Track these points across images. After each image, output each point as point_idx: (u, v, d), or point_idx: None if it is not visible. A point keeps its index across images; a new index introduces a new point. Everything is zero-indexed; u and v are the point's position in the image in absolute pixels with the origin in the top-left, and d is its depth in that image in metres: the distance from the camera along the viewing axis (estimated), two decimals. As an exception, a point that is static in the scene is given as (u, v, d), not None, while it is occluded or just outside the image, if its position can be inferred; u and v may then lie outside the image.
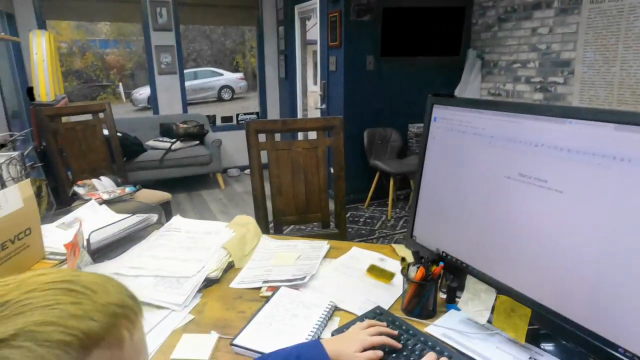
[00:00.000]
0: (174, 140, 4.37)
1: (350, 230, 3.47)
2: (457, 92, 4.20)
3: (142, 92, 13.57)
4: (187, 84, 16.07)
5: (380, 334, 0.79)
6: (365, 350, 0.75)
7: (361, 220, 3.67)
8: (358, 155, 3.93)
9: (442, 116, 0.96)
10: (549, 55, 3.46)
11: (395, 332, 0.81)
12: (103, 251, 1.17)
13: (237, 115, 5.29)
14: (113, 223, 1.22)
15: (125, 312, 0.36)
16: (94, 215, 1.37)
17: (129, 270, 1.08)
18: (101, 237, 1.15)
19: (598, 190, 0.65)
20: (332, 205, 2.08)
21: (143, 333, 0.39)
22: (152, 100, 4.79)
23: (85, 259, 1.05)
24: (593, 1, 3.05)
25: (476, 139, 0.86)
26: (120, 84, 18.17)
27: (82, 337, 0.32)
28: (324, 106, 4.14)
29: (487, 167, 0.84)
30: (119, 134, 4.03)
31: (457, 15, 3.90)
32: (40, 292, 0.33)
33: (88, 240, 1.10)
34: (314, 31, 4.19)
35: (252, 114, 5.35)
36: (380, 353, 0.76)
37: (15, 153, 1.71)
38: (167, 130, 4.47)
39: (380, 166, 3.70)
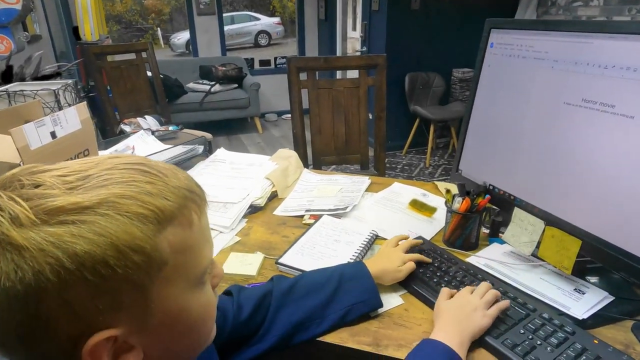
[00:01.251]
0: (213, 82, 4.39)
1: (387, 175, 3.45)
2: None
3: (181, 37, 13.54)
4: (225, 28, 15.95)
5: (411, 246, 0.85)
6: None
7: (399, 167, 3.64)
8: (398, 100, 3.82)
9: (500, 41, 0.90)
10: (617, -9, 3.13)
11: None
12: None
13: (275, 59, 5.21)
14: (161, 151, 1.27)
15: (193, 197, 0.38)
16: (144, 145, 1.42)
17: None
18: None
19: (673, 114, 0.61)
20: (371, 149, 2.06)
21: (208, 221, 0.41)
22: (192, 42, 4.78)
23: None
24: None
25: (538, 64, 0.81)
26: (159, 28, 18.19)
27: (158, 212, 0.34)
28: (364, 49, 4.00)
29: (547, 94, 0.79)
30: (161, 75, 4.09)
31: None
32: (118, 170, 0.35)
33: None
34: (357, -33, 3.96)
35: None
36: (414, 265, 0.80)
37: (70, 81, 1.77)
38: (206, 73, 4.49)
39: (421, 112, 3.59)
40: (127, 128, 2.82)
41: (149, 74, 3.07)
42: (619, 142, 0.67)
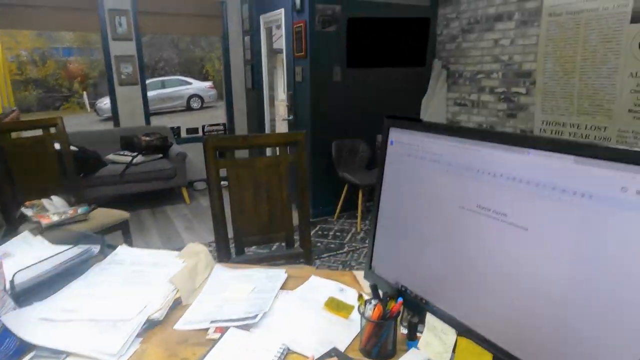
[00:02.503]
0: (135, 154, 4.19)
1: (319, 244, 3.39)
2: (424, 102, 4.22)
3: (107, 102, 13.05)
4: (154, 93, 15.56)
5: None
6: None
7: (330, 233, 3.61)
8: (327, 166, 3.88)
9: (399, 140, 0.90)
10: (511, 66, 3.51)
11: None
12: (33, 292, 1.04)
13: (204, 126, 5.15)
14: (46, 259, 1.11)
15: None
16: (28, 249, 1.24)
17: (61, 314, 0.97)
18: (29, 277, 1.03)
19: (559, 227, 0.61)
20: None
21: None
22: (113, 112, 4.59)
23: (7, 304, 0.93)
24: (551, 14, 3.11)
25: (434, 166, 0.81)
26: (85, 93, 17.55)
27: None
28: (291, 117, 4.07)
29: (445, 197, 0.78)
30: (74, 148, 3.83)
31: (422, 27, 3.93)
32: None
33: (12, 281, 0.98)
34: (282, 40, 4.12)
35: (218, 125, 5.22)
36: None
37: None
38: (128, 144, 4.29)
39: (349, 178, 3.65)
40: (28, 212, 2.55)
41: (58, 146, 2.83)
42: (516, 253, 0.66)
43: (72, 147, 3.75)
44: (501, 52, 3.58)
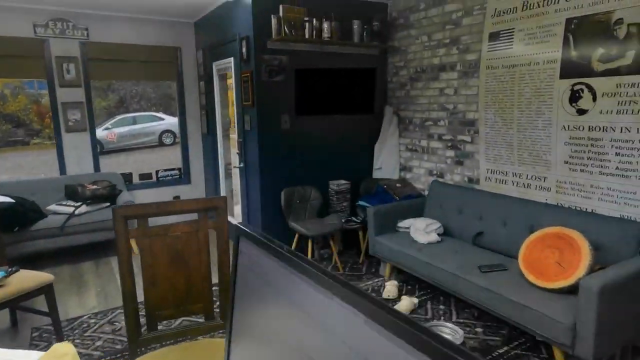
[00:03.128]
0: (78, 203, 4.02)
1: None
2: (377, 148, 4.23)
3: None
4: (126, 129, 15.22)
5: None
6: None
7: (279, 286, 3.47)
8: (277, 215, 3.79)
9: (245, 251, 0.82)
10: (456, 114, 3.56)
11: None
12: None
13: (157, 172, 5.02)
14: None
15: None
16: None
17: None
18: None
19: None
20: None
21: None
22: (59, 160, 4.43)
23: None
24: (489, 67, 3.18)
25: (268, 290, 0.73)
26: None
27: None
28: (242, 164, 4.00)
29: (277, 327, 0.70)
30: (9, 199, 3.65)
31: (369, 76, 3.98)
32: None
33: None
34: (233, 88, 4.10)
35: (173, 169, 5.11)
36: None
37: None
38: (72, 193, 4.12)
39: (297, 228, 3.56)
40: None
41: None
42: None
43: (4, 199, 3.57)
44: (446, 101, 3.64)
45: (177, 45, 4.82)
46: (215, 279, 1.88)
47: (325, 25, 3.59)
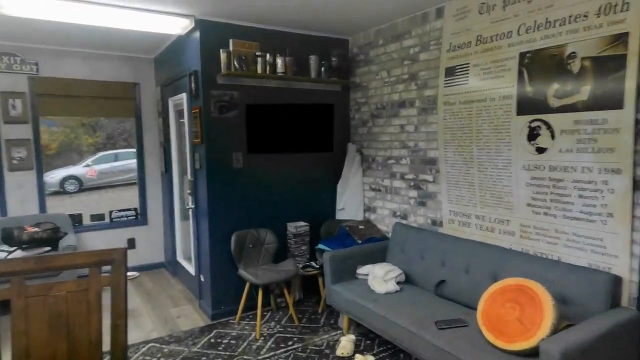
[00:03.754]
0: (13, 248, 3.68)
1: (209, 355, 2.90)
2: (340, 186, 4.00)
3: (54, 175, 12.45)
4: (107, 166, 14.79)
5: None
6: None
7: (225, 341, 3.12)
8: (228, 262, 3.48)
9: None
10: (418, 152, 3.37)
11: None
12: None
13: (111, 212, 4.72)
14: None
15: None
16: None
17: None
18: None
19: None
20: None
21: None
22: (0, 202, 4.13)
23: None
24: (446, 103, 3.02)
25: None
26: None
27: None
28: (193, 205, 3.73)
29: None
30: None
31: (327, 113, 3.80)
32: None
33: None
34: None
35: (129, 209, 4.81)
36: None
37: None
38: (8, 236, 3.79)
39: (245, 276, 3.26)
40: None
41: None
42: None
43: None
44: (407, 138, 3.45)
45: (136, 81, 4.65)
46: (107, 347, 1.58)
47: (279, 60, 3.44)
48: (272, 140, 3.57)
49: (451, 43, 2.96)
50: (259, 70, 3.39)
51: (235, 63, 3.28)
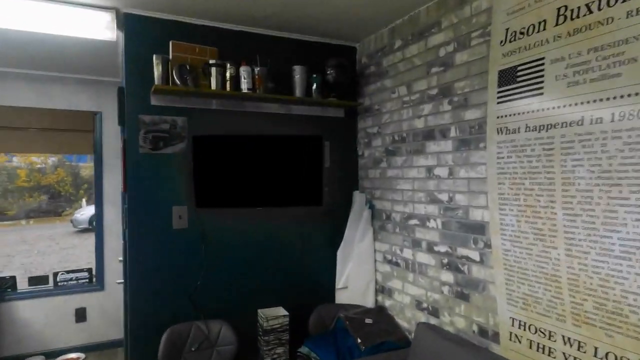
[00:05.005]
0: None
1: None
2: (341, 254, 2.75)
3: (84, 212, 12.00)
4: None
5: None
6: None
7: None
8: (159, 371, 2.28)
9: None
10: (454, 211, 2.08)
11: None
12: None
13: (56, 274, 3.70)
14: None
15: None
16: None
17: None
18: None
19: None
20: None
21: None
22: None
23: None
24: (502, 130, 1.75)
25: None
26: (84, 199, 16.95)
27: None
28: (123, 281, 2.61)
29: None
30: None
31: (313, 148, 2.58)
32: None
33: None
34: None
35: (82, 270, 3.78)
36: None
37: None
38: None
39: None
40: None
41: None
42: None
43: None
44: (438, 188, 2.18)
45: (97, 110, 3.73)
46: None
47: (244, 72, 2.34)
48: (233, 189, 2.41)
49: (508, 29, 1.73)
50: (214, 86, 2.30)
51: (175, 75, 2.21)
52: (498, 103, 1.76)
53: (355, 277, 2.71)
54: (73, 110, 3.63)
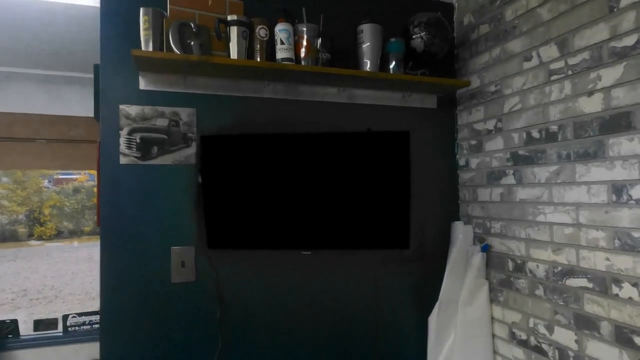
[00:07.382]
0: None
1: None
2: (434, 326, 1.74)
3: None
4: None
5: None
6: None
7: None
8: None
9: None
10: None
11: None
12: None
13: (66, 317, 3.02)
14: None
15: None
16: None
17: None
18: None
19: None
20: None
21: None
22: None
23: None
24: None
25: None
26: None
27: None
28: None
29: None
30: None
31: (394, 154, 1.55)
32: None
33: None
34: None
35: (96, 313, 3.08)
36: None
37: None
38: None
39: None
40: None
41: None
42: None
43: None
44: (638, 222, 1.14)
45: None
46: None
47: (282, 31, 1.46)
48: (265, 220, 1.49)
49: None
50: (234, 55, 1.44)
51: (171, 39, 1.38)
52: None
53: (461, 358, 1.68)
54: (76, 116, 2.96)
